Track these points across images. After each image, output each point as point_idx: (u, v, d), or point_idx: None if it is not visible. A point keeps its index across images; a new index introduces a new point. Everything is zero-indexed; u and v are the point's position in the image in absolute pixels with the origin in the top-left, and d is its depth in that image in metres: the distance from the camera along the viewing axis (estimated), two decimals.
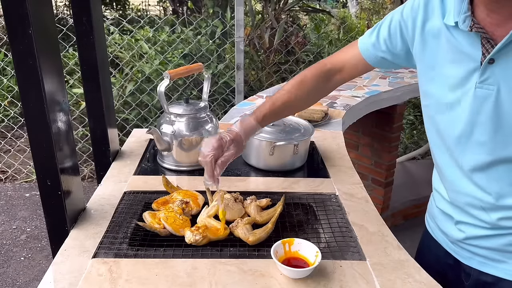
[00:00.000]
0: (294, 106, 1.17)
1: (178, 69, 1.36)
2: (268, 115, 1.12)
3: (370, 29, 1.08)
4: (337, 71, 1.14)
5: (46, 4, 0.97)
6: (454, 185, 0.99)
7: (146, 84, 3.56)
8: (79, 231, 1.07)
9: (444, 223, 1.08)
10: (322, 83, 1.15)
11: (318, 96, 1.19)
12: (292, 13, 4.88)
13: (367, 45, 1.07)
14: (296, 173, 1.41)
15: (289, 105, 1.14)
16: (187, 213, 1.11)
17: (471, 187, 0.94)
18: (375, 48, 1.06)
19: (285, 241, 0.96)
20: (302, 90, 1.14)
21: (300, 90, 1.14)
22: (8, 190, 3.52)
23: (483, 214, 0.95)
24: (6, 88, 4.16)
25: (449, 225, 1.06)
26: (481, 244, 0.98)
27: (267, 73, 4.19)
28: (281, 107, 1.13)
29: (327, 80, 1.15)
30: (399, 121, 2.67)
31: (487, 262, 0.98)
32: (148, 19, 4.78)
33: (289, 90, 1.13)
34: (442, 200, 1.07)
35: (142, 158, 1.48)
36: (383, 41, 1.03)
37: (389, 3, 6.23)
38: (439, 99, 0.94)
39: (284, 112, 1.17)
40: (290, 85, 1.14)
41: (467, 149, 0.91)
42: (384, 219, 1.16)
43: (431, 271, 0.96)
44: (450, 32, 0.88)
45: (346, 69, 1.13)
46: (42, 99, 0.95)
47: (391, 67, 1.09)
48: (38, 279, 2.51)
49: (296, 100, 1.15)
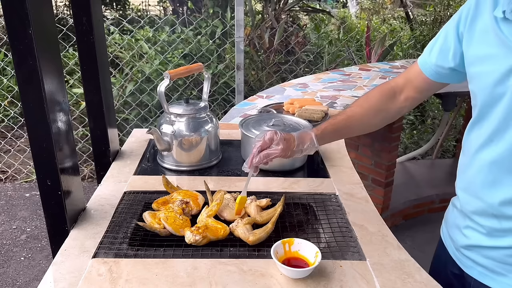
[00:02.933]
0: (356, 123, 1.13)
1: (178, 69, 1.36)
2: (328, 129, 1.09)
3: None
4: (401, 88, 1.10)
5: (46, 4, 0.97)
6: (470, 187, 0.96)
7: (146, 84, 3.56)
8: (79, 231, 1.07)
9: (453, 228, 1.06)
10: (386, 101, 1.11)
11: (382, 116, 1.14)
12: (292, 13, 4.88)
13: (424, 57, 1.04)
14: (296, 173, 1.41)
15: (350, 121, 1.11)
16: (187, 213, 1.11)
17: (489, 190, 0.91)
18: (430, 56, 1.02)
19: (285, 241, 0.96)
20: (365, 107, 1.11)
21: (362, 107, 1.11)
22: (8, 190, 3.52)
23: (494, 221, 0.92)
24: (6, 88, 4.16)
25: (457, 230, 1.04)
26: (482, 253, 0.96)
27: (267, 73, 4.19)
28: (341, 123, 1.11)
29: (392, 99, 1.11)
30: (399, 121, 2.67)
31: (487, 273, 0.97)
32: (148, 19, 4.77)
33: (351, 106, 1.11)
34: (456, 204, 1.06)
35: (142, 158, 1.48)
36: (439, 48, 1.00)
37: (389, 3, 6.23)
38: (481, 97, 0.90)
39: (345, 129, 1.13)
40: (353, 103, 1.13)
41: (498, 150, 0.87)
42: (384, 219, 1.16)
43: (440, 280, 0.94)
44: (498, 25, 0.84)
45: (408, 87, 1.09)
46: (42, 99, 0.95)
47: (452, 78, 1.01)
48: (38, 279, 2.51)
49: (358, 117, 1.11)
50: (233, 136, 1.67)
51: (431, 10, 5.60)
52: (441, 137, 3.79)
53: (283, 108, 1.95)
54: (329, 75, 2.63)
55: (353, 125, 1.14)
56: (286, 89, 2.29)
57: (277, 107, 1.96)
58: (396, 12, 6.24)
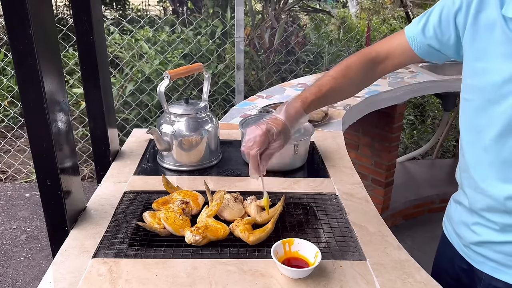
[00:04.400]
0: (340, 92, 1.11)
1: (178, 69, 1.36)
2: (315, 101, 1.06)
3: (418, 17, 1.02)
4: (382, 60, 1.08)
5: (46, 4, 0.96)
6: (479, 185, 0.95)
7: (146, 84, 3.56)
8: (79, 231, 1.07)
9: (460, 225, 1.05)
10: (367, 72, 1.10)
11: (362, 85, 1.14)
12: (292, 13, 4.88)
13: (414, 33, 1.01)
14: (296, 173, 1.41)
15: (334, 91, 1.09)
16: (187, 213, 1.11)
17: (500, 186, 0.90)
18: (423, 35, 0.99)
19: (285, 241, 0.96)
20: (348, 77, 1.08)
21: (346, 77, 1.08)
22: (8, 190, 3.52)
23: (505, 217, 0.92)
24: (6, 88, 4.16)
25: (464, 227, 1.03)
26: (494, 248, 0.96)
27: (267, 73, 4.18)
28: (327, 93, 1.07)
29: (372, 69, 1.10)
30: (399, 121, 2.67)
31: (499, 267, 0.96)
32: (148, 19, 4.77)
33: (334, 77, 1.08)
34: (462, 201, 1.05)
35: (142, 158, 1.48)
36: (432, 28, 0.97)
37: (389, 3, 6.22)
38: (484, 93, 0.89)
39: (329, 99, 1.12)
40: (335, 71, 1.08)
41: (505, 147, 0.87)
42: (384, 219, 1.16)
43: (447, 275, 0.93)
44: (507, 24, 0.83)
45: (390, 59, 1.07)
46: (42, 99, 0.95)
47: (438, 58, 1.02)
48: (38, 279, 2.51)
49: (342, 87, 1.09)
50: (233, 136, 1.67)
51: None
52: (441, 137, 3.79)
53: None
54: None
55: (336, 95, 1.12)
56: (286, 89, 2.29)
57: (277, 107, 1.95)
58: (396, 12, 6.23)
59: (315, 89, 1.07)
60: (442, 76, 2.64)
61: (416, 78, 2.54)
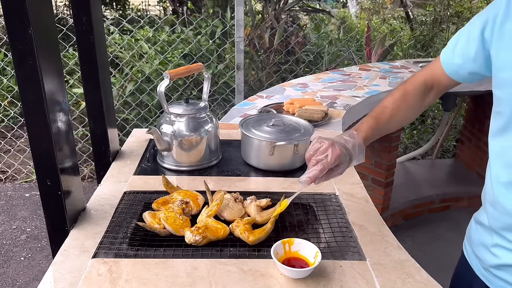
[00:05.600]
0: (397, 122, 1.12)
1: (178, 69, 1.36)
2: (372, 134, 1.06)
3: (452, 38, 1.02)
4: (431, 85, 1.08)
5: (46, 4, 0.96)
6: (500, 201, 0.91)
7: (146, 84, 3.56)
8: (79, 231, 1.07)
9: (480, 247, 1.01)
10: (421, 99, 1.10)
11: (417, 112, 1.14)
12: (292, 13, 4.88)
13: (447, 56, 1.02)
14: (296, 173, 1.41)
15: (392, 121, 1.09)
16: (187, 213, 1.11)
17: None
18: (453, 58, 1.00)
19: (285, 241, 0.96)
20: (404, 107, 1.09)
21: (402, 107, 1.09)
22: (8, 190, 3.52)
23: None
24: (6, 88, 4.16)
25: (484, 249, 0.99)
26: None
27: (267, 73, 4.19)
28: (385, 125, 1.08)
29: (425, 95, 1.09)
30: None
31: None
32: (148, 19, 4.78)
33: (392, 107, 1.08)
34: (482, 220, 1.01)
35: (142, 158, 1.48)
36: (461, 51, 0.97)
37: (389, 3, 6.23)
38: (508, 105, 0.86)
39: (387, 130, 1.11)
40: (392, 101, 1.09)
41: None
42: (384, 219, 1.16)
43: None
44: None
45: (436, 83, 1.07)
46: (42, 99, 0.95)
47: (475, 77, 0.99)
48: (38, 279, 2.51)
49: (399, 117, 1.09)
50: (233, 136, 1.67)
51: (431, 10, 5.59)
52: (441, 137, 3.80)
53: (283, 108, 1.95)
54: (329, 75, 2.63)
55: (393, 125, 1.12)
56: (286, 89, 2.29)
57: (277, 107, 1.96)
58: (396, 12, 6.23)
59: (373, 121, 1.06)
60: None
61: None
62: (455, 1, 5.29)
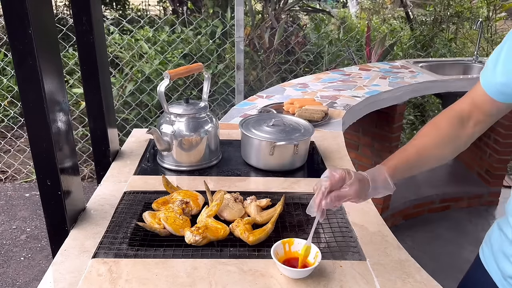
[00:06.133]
0: (428, 156, 1.02)
1: (178, 69, 1.36)
2: (400, 167, 0.99)
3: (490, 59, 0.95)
4: (468, 114, 0.99)
5: (46, 4, 0.97)
6: None
7: (146, 84, 3.56)
8: (79, 231, 1.07)
9: (500, 254, 0.98)
10: (455, 129, 1.00)
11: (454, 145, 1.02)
12: (292, 13, 4.88)
13: (487, 76, 0.94)
14: (296, 173, 1.41)
15: (422, 154, 1.01)
16: (187, 213, 1.11)
17: None
18: (495, 76, 0.91)
19: (285, 241, 0.96)
20: (434, 138, 1.00)
21: (432, 138, 1.01)
22: (8, 190, 3.52)
23: None
24: (6, 88, 4.16)
25: (504, 258, 0.96)
26: None
27: (267, 73, 4.19)
28: (413, 157, 1.00)
29: (460, 126, 1.00)
30: (399, 121, 2.67)
31: None
32: (148, 19, 4.77)
33: (419, 138, 1.02)
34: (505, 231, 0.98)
35: (142, 158, 1.48)
36: (502, 66, 0.90)
37: (389, 3, 6.23)
38: None
39: (417, 163, 1.02)
40: (421, 133, 1.02)
41: None
42: (384, 219, 1.16)
43: None
44: None
45: (475, 111, 0.98)
46: (42, 99, 0.95)
47: None
48: (38, 279, 2.51)
49: (430, 149, 1.01)
50: (233, 136, 1.67)
51: (431, 10, 5.59)
52: None
53: (283, 108, 1.95)
54: (329, 75, 2.63)
55: (425, 158, 1.02)
56: (286, 89, 2.29)
57: (277, 107, 1.96)
58: (396, 12, 6.23)
59: (401, 153, 1.01)
60: (442, 76, 2.65)
61: (416, 78, 2.55)
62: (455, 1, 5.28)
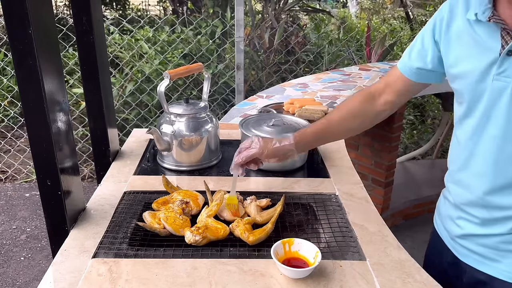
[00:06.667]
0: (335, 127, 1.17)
1: (178, 69, 1.36)
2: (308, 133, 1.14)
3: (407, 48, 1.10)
4: (380, 92, 1.13)
5: (46, 4, 0.97)
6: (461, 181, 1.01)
7: (146, 84, 3.56)
8: (79, 231, 1.07)
9: (447, 219, 1.10)
10: (364, 105, 1.14)
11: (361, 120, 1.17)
12: (292, 13, 4.88)
13: (404, 61, 1.08)
14: (296, 173, 1.41)
15: (329, 125, 1.15)
16: (187, 213, 1.11)
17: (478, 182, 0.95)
18: (410, 60, 1.06)
19: (285, 241, 0.96)
20: (343, 112, 1.14)
21: (341, 112, 1.15)
22: (8, 190, 3.52)
23: (483, 212, 0.96)
24: (6, 88, 4.16)
25: (450, 221, 1.08)
26: (476, 241, 1.00)
27: (267, 73, 4.18)
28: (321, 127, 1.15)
29: (370, 102, 1.14)
30: (399, 121, 2.67)
31: (482, 260, 1.00)
32: (148, 19, 4.77)
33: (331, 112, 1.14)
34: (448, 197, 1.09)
35: (142, 158, 1.48)
36: (417, 51, 1.04)
37: (389, 3, 6.23)
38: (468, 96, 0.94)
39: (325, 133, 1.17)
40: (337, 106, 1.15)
41: (480, 143, 0.92)
42: (384, 219, 1.16)
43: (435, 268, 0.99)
44: (471, 27, 0.90)
45: (387, 90, 1.12)
46: (42, 99, 0.95)
47: (431, 78, 1.06)
48: (38, 279, 2.51)
49: (337, 121, 1.15)
50: (233, 136, 1.67)
51: (431, 10, 5.59)
52: (441, 137, 3.80)
53: (283, 108, 1.95)
54: (329, 75, 2.63)
55: (332, 129, 1.17)
56: (286, 89, 2.29)
57: (277, 107, 1.96)
58: (396, 12, 6.23)
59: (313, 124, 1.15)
60: None
61: None
62: None
